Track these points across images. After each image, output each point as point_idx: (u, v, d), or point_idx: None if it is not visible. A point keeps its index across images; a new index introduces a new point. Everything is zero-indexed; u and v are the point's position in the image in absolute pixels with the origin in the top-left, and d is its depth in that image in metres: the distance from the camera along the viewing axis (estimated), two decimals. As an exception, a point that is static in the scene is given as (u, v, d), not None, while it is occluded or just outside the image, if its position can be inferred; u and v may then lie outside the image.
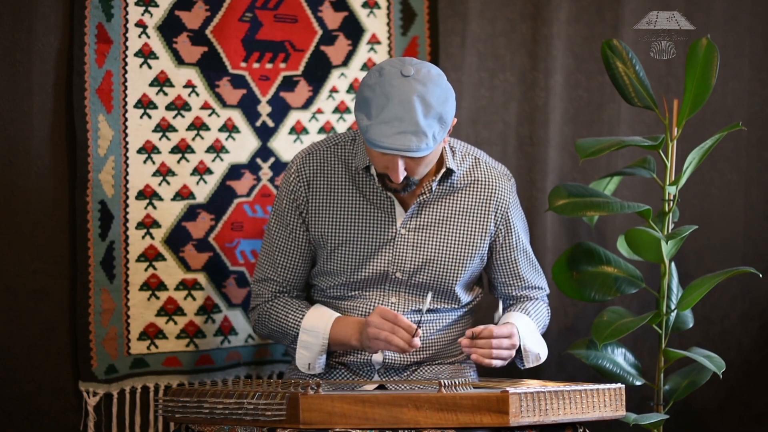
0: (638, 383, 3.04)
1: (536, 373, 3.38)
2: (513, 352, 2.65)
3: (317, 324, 2.71)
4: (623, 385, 2.54)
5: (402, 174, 2.57)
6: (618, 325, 2.93)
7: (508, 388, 2.38)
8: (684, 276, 3.16)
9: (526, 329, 2.72)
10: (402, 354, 2.70)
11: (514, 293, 2.85)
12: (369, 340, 2.61)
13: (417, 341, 2.57)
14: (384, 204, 2.72)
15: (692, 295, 2.92)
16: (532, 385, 2.53)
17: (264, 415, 2.42)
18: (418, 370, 2.77)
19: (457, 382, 2.46)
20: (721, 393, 3.42)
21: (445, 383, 2.43)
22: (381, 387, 2.72)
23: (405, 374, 2.75)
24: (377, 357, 2.73)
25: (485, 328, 2.61)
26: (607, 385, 2.51)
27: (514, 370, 3.36)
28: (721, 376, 2.89)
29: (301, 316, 2.73)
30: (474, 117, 3.41)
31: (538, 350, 2.75)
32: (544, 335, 2.85)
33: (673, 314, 3.04)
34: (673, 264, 3.04)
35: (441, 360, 2.80)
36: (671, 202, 2.99)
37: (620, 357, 3.07)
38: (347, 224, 2.72)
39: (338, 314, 2.73)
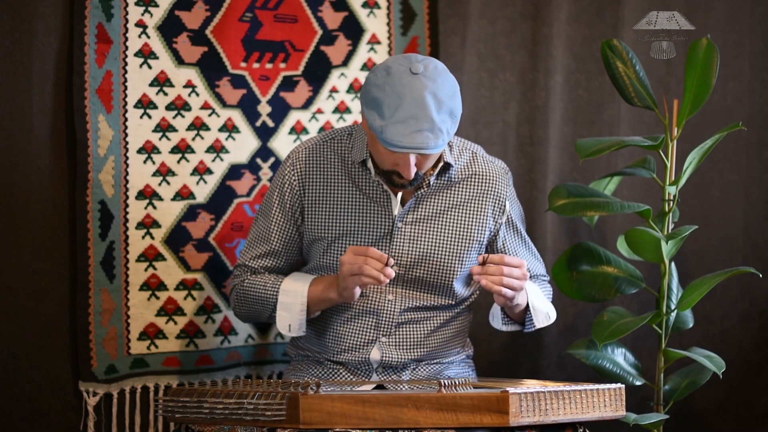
0: (638, 383, 3.04)
1: (536, 373, 3.38)
2: (524, 284, 2.63)
3: (296, 285, 2.72)
4: (623, 385, 2.53)
5: (414, 171, 2.58)
6: (618, 325, 2.93)
7: (508, 388, 2.38)
8: (684, 276, 3.16)
9: (532, 289, 2.73)
10: (378, 285, 2.66)
11: None
12: (344, 279, 2.61)
13: (390, 270, 2.56)
14: (380, 198, 2.72)
15: (692, 295, 2.92)
16: (532, 385, 2.53)
17: (264, 415, 2.42)
18: (417, 369, 2.77)
19: (457, 382, 2.46)
20: (721, 393, 3.42)
21: (444, 383, 2.43)
22: (380, 387, 2.72)
23: (404, 373, 2.75)
24: (374, 355, 2.73)
25: (496, 254, 2.61)
26: (607, 385, 2.51)
27: (515, 370, 3.37)
28: (721, 376, 2.88)
29: (279, 282, 2.74)
30: (474, 117, 3.41)
31: (546, 309, 2.75)
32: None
33: (673, 314, 3.04)
34: (673, 264, 3.04)
35: (439, 359, 2.80)
36: (671, 202, 2.99)
37: (620, 357, 3.06)
38: (344, 218, 2.73)
39: (316, 275, 2.74)
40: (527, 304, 2.72)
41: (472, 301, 2.86)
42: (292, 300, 2.72)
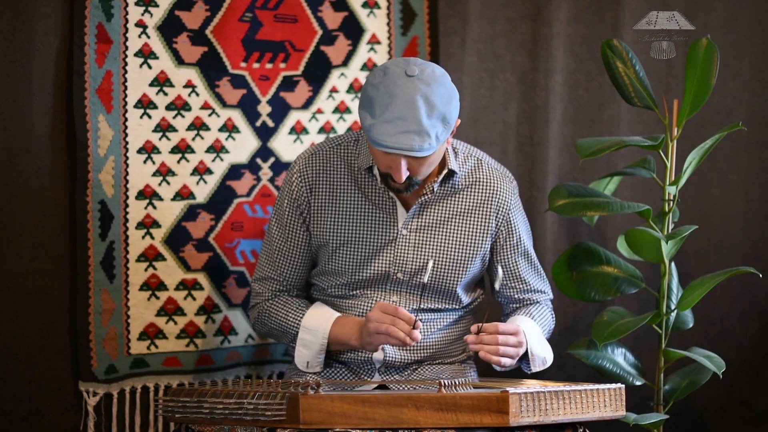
0: (638, 383, 3.04)
1: (536, 373, 3.38)
2: (521, 351, 2.63)
3: (317, 323, 2.72)
4: (623, 385, 2.53)
5: (404, 174, 2.57)
6: (618, 325, 2.93)
7: (508, 388, 2.38)
8: (684, 276, 3.16)
9: (531, 333, 2.72)
10: (403, 347, 2.69)
11: (516, 296, 2.84)
12: (369, 335, 2.61)
13: (417, 333, 2.56)
14: (386, 204, 2.72)
15: (692, 295, 2.92)
16: (532, 385, 2.53)
17: (264, 415, 2.42)
18: (419, 370, 2.77)
19: (457, 382, 2.46)
20: (721, 393, 3.42)
21: (445, 383, 2.43)
22: (381, 387, 2.72)
23: (405, 374, 2.75)
24: (378, 355, 2.73)
25: (490, 323, 2.60)
26: (607, 385, 2.51)
27: (515, 370, 3.37)
28: (721, 376, 2.88)
29: (301, 315, 2.73)
30: (474, 117, 3.41)
31: (544, 354, 2.74)
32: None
33: (673, 314, 3.04)
34: (673, 264, 3.04)
35: (441, 360, 2.80)
36: (671, 202, 2.99)
37: (620, 357, 3.07)
38: (349, 224, 2.73)
39: (338, 314, 2.73)
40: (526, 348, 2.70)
41: (476, 305, 2.86)
42: (313, 339, 2.72)
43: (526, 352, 2.69)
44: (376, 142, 2.52)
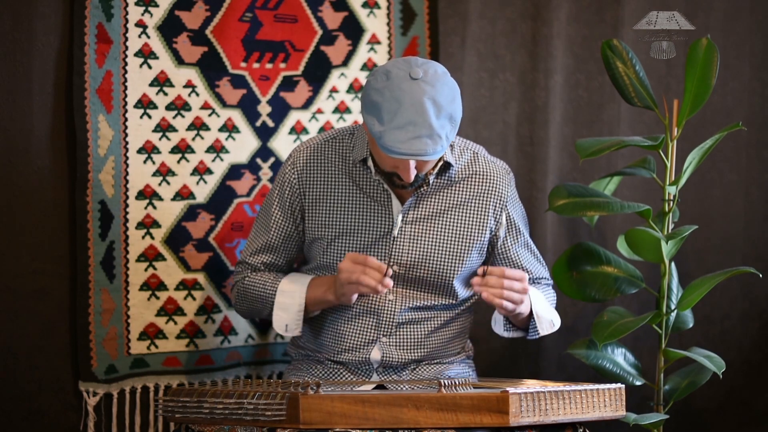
0: (638, 383, 3.04)
1: (536, 373, 3.38)
2: (524, 298, 2.63)
3: (294, 286, 2.74)
4: (623, 385, 2.53)
5: (413, 174, 2.58)
6: (618, 325, 2.93)
7: (508, 388, 2.38)
8: (684, 276, 3.16)
9: (536, 296, 2.73)
10: (375, 295, 2.68)
11: None
12: (342, 286, 2.62)
13: (389, 280, 2.57)
14: (381, 197, 2.72)
15: (692, 295, 2.92)
16: (532, 385, 2.53)
17: (264, 415, 2.42)
18: (417, 369, 2.77)
19: (457, 382, 2.46)
20: (721, 393, 3.42)
21: (444, 383, 2.43)
22: (380, 387, 2.72)
23: (404, 374, 2.75)
24: (375, 355, 2.73)
25: (497, 267, 2.62)
26: (607, 385, 2.51)
27: (515, 370, 3.37)
28: (721, 376, 2.88)
29: (278, 282, 2.76)
30: (474, 117, 3.41)
31: (550, 317, 2.75)
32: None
33: (673, 314, 3.04)
34: (673, 264, 3.04)
35: (440, 359, 2.80)
36: (671, 202, 2.99)
37: (620, 357, 3.07)
38: (344, 217, 2.73)
39: (314, 276, 2.75)
40: (530, 312, 2.71)
41: (474, 301, 2.85)
42: (290, 300, 2.73)
43: (532, 317, 2.70)
44: (389, 149, 2.51)
